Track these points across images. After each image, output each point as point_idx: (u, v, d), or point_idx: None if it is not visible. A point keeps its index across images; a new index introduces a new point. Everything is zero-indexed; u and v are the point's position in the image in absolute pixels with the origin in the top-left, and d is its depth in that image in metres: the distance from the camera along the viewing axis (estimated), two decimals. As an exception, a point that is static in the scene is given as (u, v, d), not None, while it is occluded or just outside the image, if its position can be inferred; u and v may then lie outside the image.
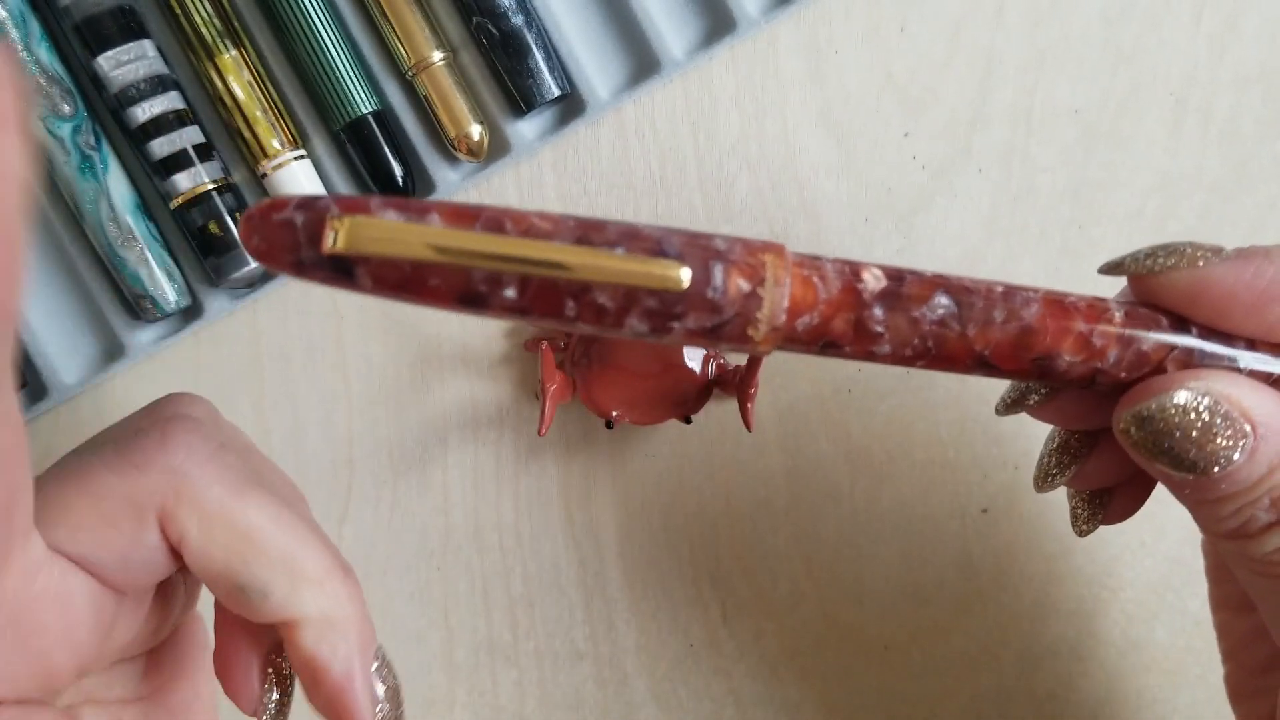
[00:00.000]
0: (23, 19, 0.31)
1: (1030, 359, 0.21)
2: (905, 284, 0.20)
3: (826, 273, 0.20)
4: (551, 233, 0.19)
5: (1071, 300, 0.21)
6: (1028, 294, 0.21)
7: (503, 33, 0.32)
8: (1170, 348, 0.21)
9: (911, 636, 0.35)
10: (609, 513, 0.34)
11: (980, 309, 0.21)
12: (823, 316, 0.20)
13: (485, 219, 0.19)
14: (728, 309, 0.19)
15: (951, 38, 0.34)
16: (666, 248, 0.19)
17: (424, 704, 0.34)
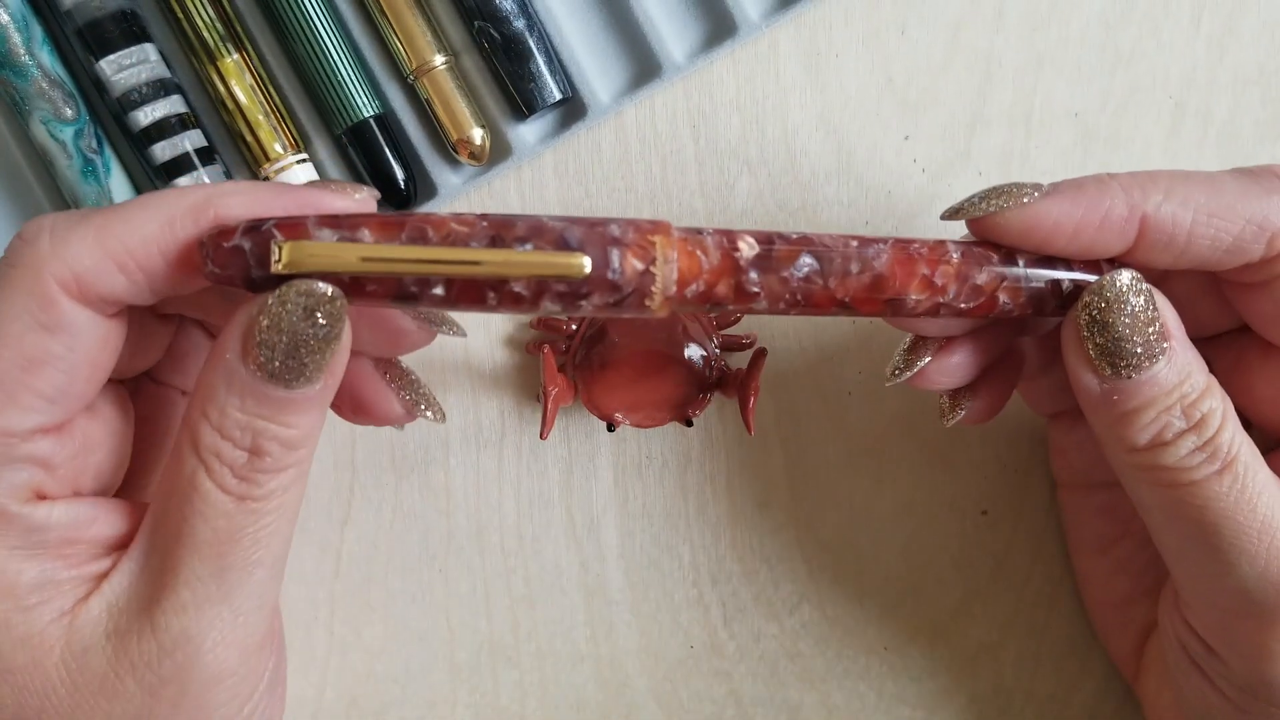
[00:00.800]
0: (25, 22, 0.31)
1: (883, 300, 0.25)
2: (775, 248, 0.24)
3: (708, 246, 0.24)
4: (468, 235, 0.22)
5: (915, 247, 0.25)
6: (879, 245, 0.25)
7: (504, 37, 0.32)
8: (1001, 278, 0.25)
9: (911, 637, 0.35)
10: (610, 514, 0.35)
11: (839, 264, 0.24)
12: (707, 284, 0.24)
13: (409, 229, 0.22)
14: (626, 286, 0.23)
15: (951, 41, 0.34)
16: (569, 239, 0.22)
17: (426, 704, 0.34)
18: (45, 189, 0.33)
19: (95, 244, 0.22)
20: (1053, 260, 0.25)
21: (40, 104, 0.31)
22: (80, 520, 0.23)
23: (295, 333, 0.22)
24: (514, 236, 0.22)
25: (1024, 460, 0.35)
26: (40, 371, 0.22)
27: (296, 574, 0.34)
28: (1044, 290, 0.25)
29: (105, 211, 0.23)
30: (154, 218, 0.22)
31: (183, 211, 0.22)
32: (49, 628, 0.23)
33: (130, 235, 0.22)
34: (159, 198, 0.23)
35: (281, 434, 0.23)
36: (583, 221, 0.23)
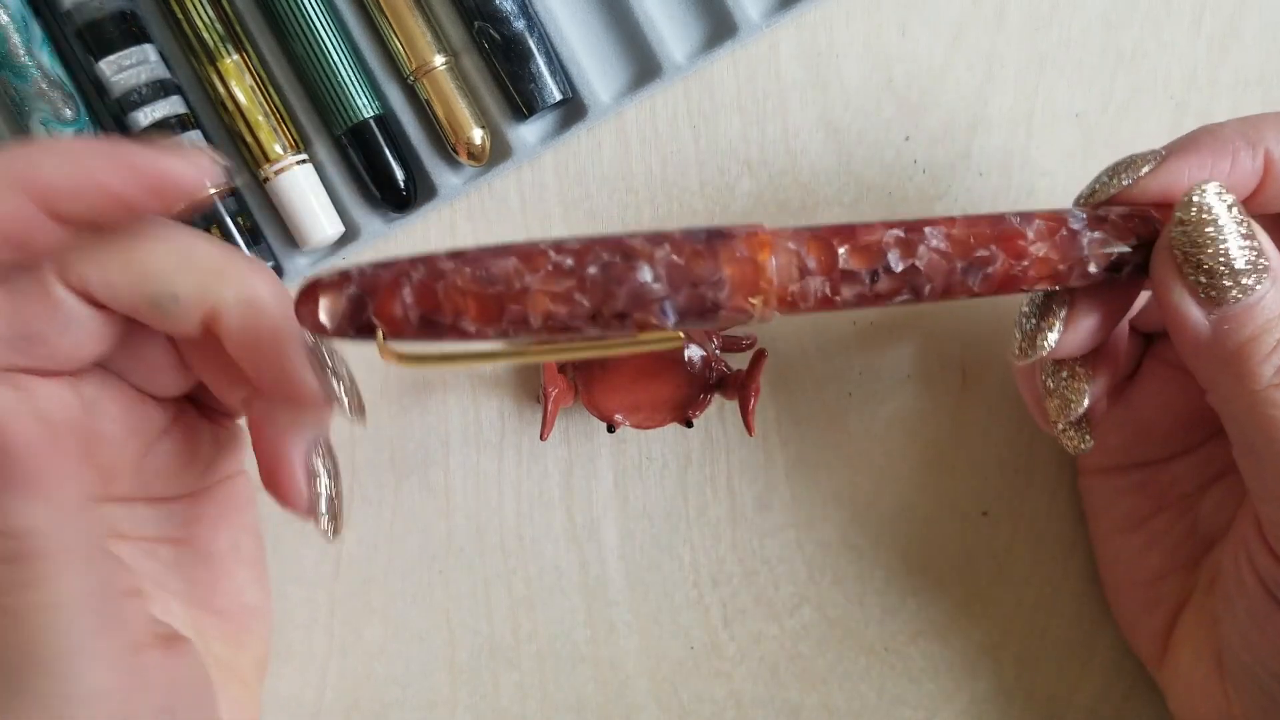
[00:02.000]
0: (25, 23, 0.31)
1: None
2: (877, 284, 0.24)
3: (807, 293, 0.24)
4: (568, 318, 0.22)
5: (1023, 267, 0.25)
6: (987, 270, 0.24)
7: (504, 37, 0.32)
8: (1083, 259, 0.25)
9: (912, 639, 0.35)
10: (610, 515, 0.35)
11: (937, 290, 0.25)
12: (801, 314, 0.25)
13: (508, 317, 0.22)
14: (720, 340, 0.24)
15: (952, 41, 0.34)
16: (668, 312, 0.23)
17: (426, 706, 0.34)
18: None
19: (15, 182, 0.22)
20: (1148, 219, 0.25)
21: (40, 104, 0.31)
22: None
23: None
24: (613, 312, 0.22)
25: (1025, 461, 0.35)
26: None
27: (296, 575, 0.34)
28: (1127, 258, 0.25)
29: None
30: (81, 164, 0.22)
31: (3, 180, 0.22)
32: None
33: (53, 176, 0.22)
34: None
35: None
36: (682, 279, 0.23)
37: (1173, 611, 0.31)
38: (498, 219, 0.34)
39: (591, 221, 0.34)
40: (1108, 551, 0.33)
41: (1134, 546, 0.32)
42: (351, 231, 0.33)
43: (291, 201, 0.32)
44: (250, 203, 0.33)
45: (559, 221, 0.34)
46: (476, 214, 0.34)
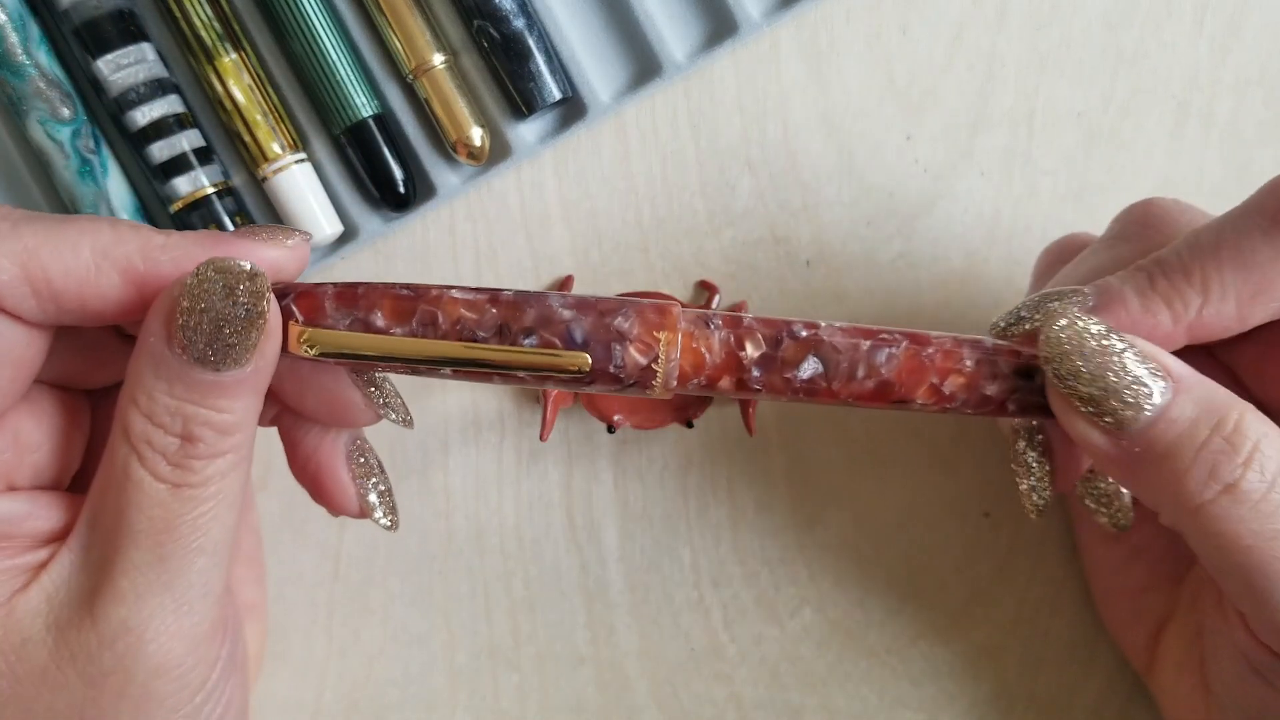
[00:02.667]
0: (22, 22, 0.31)
1: (888, 402, 0.25)
2: (781, 349, 0.24)
3: (713, 343, 0.24)
4: (476, 324, 0.23)
5: (929, 353, 0.25)
6: (891, 350, 0.24)
7: (504, 36, 0.32)
8: (1012, 389, 0.25)
9: (913, 640, 0.35)
10: (610, 517, 0.34)
11: (845, 369, 0.24)
12: (709, 379, 0.24)
13: (420, 316, 0.23)
14: (629, 379, 0.24)
15: (953, 41, 0.34)
16: (574, 334, 0.23)
17: (425, 707, 0.34)
18: (42, 189, 0.32)
19: (15, 262, 0.22)
20: None
21: (37, 104, 0.31)
22: (14, 515, 0.23)
23: (217, 313, 0.22)
24: (520, 327, 0.23)
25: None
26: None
27: (295, 576, 0.34)
28: None
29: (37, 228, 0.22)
30: (82, 258, 0.22)
31: (114, 260, 0.22)
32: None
33: (53, 265, 0.22)
34: (94, 234, 0.23)
35: (214, 419, 0.23)
36: (591, 308, 0.23)
37: (1157, 624, 0.31)
38: (497, 218, 0.34)
39: (592, 221, 0.34)
40: (1092, 560, 0.33)
41: (1117, 557, 0.32)
42: (350, 231, 0.33)
43: (290, 201, 0.32)
44: (248, 202, 0.33)
45: (559, 221, 0.34)
46: (476, 213, 0.34)
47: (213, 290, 0.22)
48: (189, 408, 0.22)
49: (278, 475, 0.34)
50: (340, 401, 0.26)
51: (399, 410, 0.27)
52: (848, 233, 0.34)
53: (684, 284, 0.34)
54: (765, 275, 0.34)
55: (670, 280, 0.34)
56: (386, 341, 0.23)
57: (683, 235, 0.34)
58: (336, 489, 0.27)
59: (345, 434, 0.27)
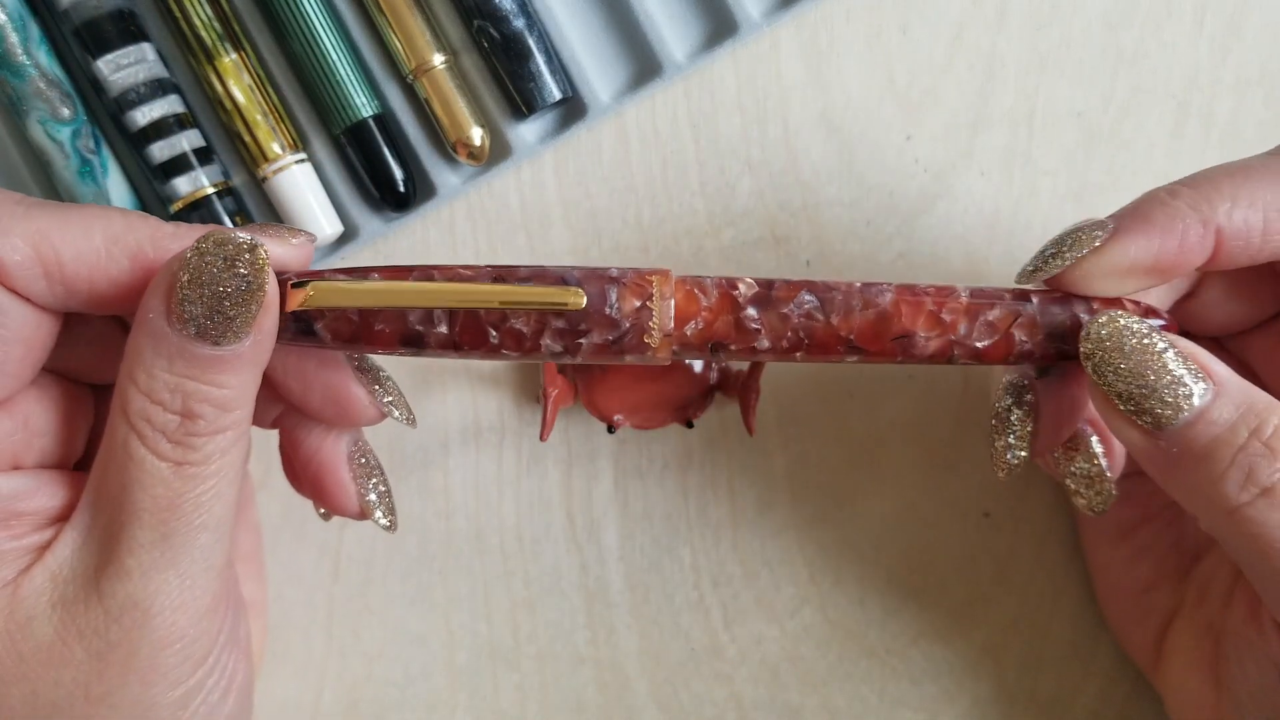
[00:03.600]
0: (22, 22, 0.31)
1: (891, 339, 0.24)
2: (775, 288, 0.25)
3: (706, 286, 0.24)
4: (473, 277, 0.24)
5: (922, 288, 0.25)
6: (883, 286, 0.25)
7: (504, 36, 0.32)
8: (1015, 314, 0.25)
9: (913, 640, 0.35)
10: (610, 517, 0.34)
11: (840, 301, 0.24)
12: (706, 321, 0.24)
13: (418, 272, 0.24)
14: (624, 322, 0.24)
15: (953, 41, 0.34)
16: (568, 278, 0.24)
17: (425, 708, 0.34)
18: (43, 189, 0.32)
19: (28, 243, 0.22)
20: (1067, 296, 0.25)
21: (37, 104, 0.31)
22: (19, 491, 0.23)
23: (217, 286, 0.22)
24: (516, 277, 0.24)
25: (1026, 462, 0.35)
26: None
27: (295, 577, 0.34)
28: (1065, 325, 0.25)
29: (51, 212, 0.23)
30: (94, 243, 0.23)
31: (125, 246, 0.23)
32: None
33: (65, 248, 0.22)
34: (106, 220, 0.23)
35: (213, 395, 0.23)
36: (584, 268, 0.24)
37: (1164, 621, 0.31)
38: (497, 218, 0.34)
39: (592, 221, 0.34)
40: (1097, 560, 0.33)
41: (1122, 557, 0.32)
42: (350, 231, 0.33)
43: (290, 201, 0.32)
44: (248, 202, 0.33)
45: (559, 221, 0.34)
46: (476, 213, 0.34)
47: (213, 263, 0.22)
48: (188, 384, 0.22)
49: (278, 475, 0.34)
50: (344, 398, 0.26)
51: (402, 408, 0.26)
52: (848, 232, 0.34)
53: (684, 284, 0.34)
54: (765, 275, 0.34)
55: (670, 280, 0.34)
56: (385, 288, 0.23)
57: (683, 235, 0.34)
58: (337, 489, 0.27)
59: (346, 435, 0.27)
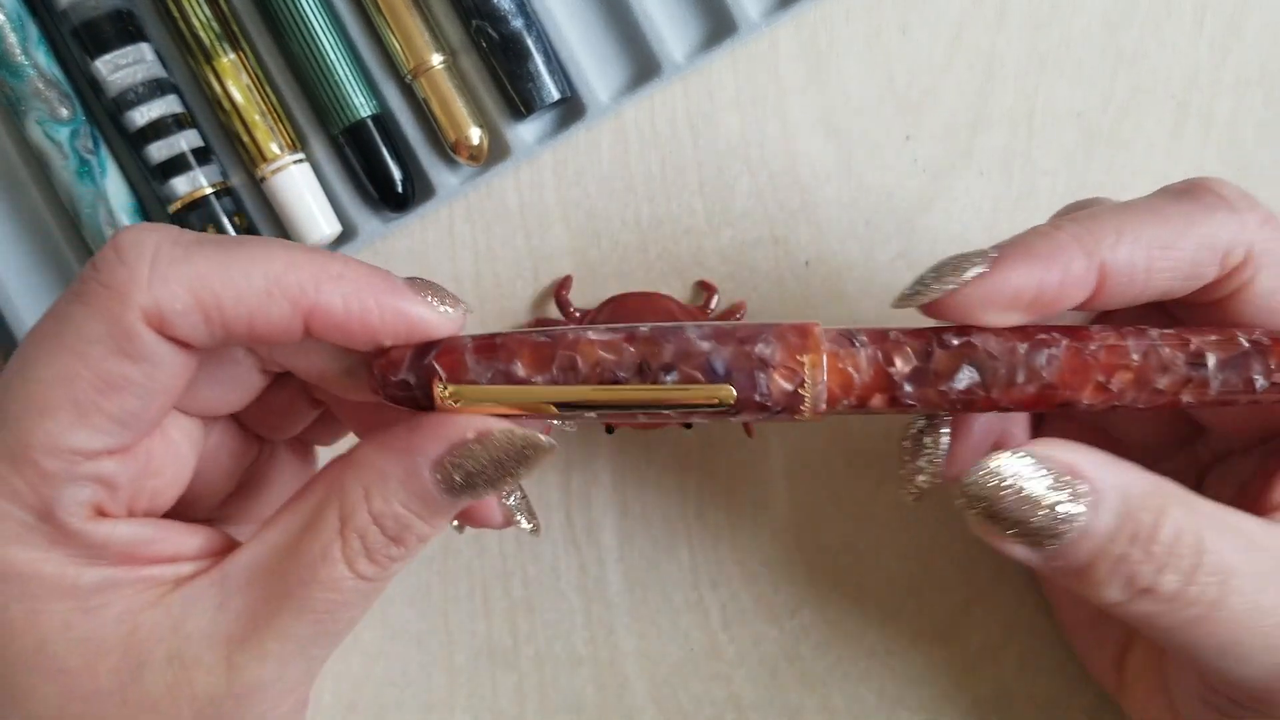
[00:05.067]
0: (21, 22, 0.31)
1: (1053, 405, 0.24)
2: (933, 360, 0.23)
3: (860, 361, 0.23)
4: (615, 365, 0.23)
5: (1092, 350, 0.23)
6: (1050, 351, 0.23)
7: (502, 36, 0.32)
8: (1186, 380, 0.24)
9: (912, 640, 0.35)
10: (609, 517, 0.34)
11: (1003, 374, 0.23)
12: (859, 398, 0.23)
13: (559, 361, 0.23)
14: (775, 406, 0.23)
15: (952, 41, 0.34)
16: (715, 365, 0.23)
17: (424, 707, 0.34)
18: (41, 189, 0.32)
19: (189, 290, 0.22)
20: (1245, 355, 0.24)
21: (36, 104, 0.31)
22: (140, 539, 0.23)
23: (497, 465, 0.22)
24: (660, 364, 0.23)
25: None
26: (116, 395, 0.22)
27: (293, 577, 0.34)
28: (1237, 391, 0.24)
29: (210, 253, 0.22)
30: (255, 285, 0.22)
31: (285, 289, 0.22)
32: (109, 632, 0.22)
33: (226, 292, 0.22)
34: (266, 262, 0.22)
35: (424, 531, 0.23)
36: (730, 337, 0.23)
37: (1120, 648, 0.31)
38: (496, 219, 0.34)
39: (590, 221, 0.34)
40: (1050, 588, 0.33)
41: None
42: (349, 231, 0.33)
43: (288, 201, 0.32)
44: (247, 202, 0.33)
45: (557, 221, 0.34)
46: (475, 214, 0.34)
47: (505, 449, 0.23)
48: (414, 520, 0.23)
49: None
50: (479, 511, 0.26)
51: (528, 516, 0.27)
52: (846, 232, 0.34)
53: (683, 284, 0.34)
54: (764, 275, 0.34)
55: (669, 280, 0.34)
56: (530, 391, 0.23)
57: (681, 235, 0.34)
58: (483, 504, 0.26)
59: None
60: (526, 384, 0.23)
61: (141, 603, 0.23)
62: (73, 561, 0.22)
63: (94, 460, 0.22)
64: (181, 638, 0.23)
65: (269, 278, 0.22)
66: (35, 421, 0.21)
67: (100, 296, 0.22)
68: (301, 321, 0.22)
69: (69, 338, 0.22)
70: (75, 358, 0.22)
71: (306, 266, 0.22)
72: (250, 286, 0.22)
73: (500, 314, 0.34)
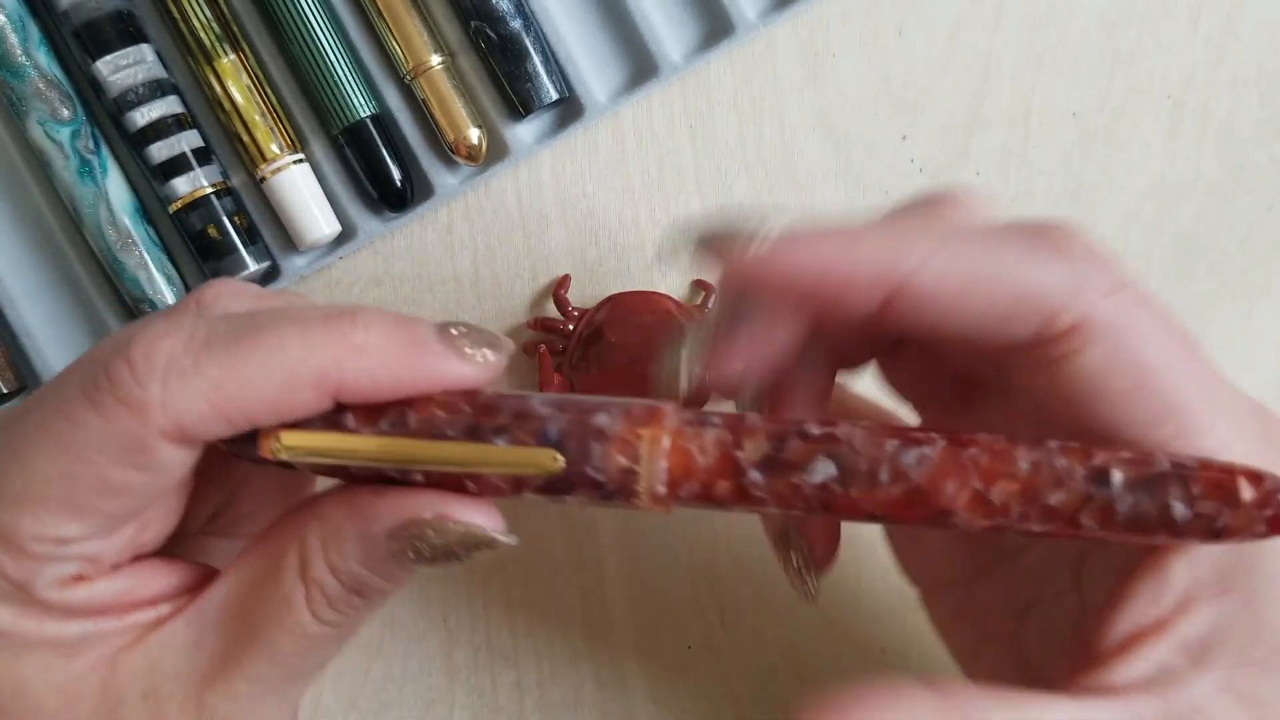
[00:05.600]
0: (22, 23, 0.31)
1: (925, 514, 0.21)
2: (787, 449, 0.21)
3: (706, 443, 0.21)
4: (446, 424, 0.21)
5: (972, 454, 0.21)
6: (924, 449, 0.21)
7: (501, 36, 0.32)
8: (1086, 498, 0.20)
9: (909, 639, 0.35)
10: (607, 515, 0.34)
11: (865, 472, 0.21)
12: (703, 485, 0.21)
13: (391, 414, 0.21)
14: (610, 483, 0.21)
15: (949, 41, 0.34)
16: (549, 432, 0.21)
17: (423, 705, 0.34)
18: (42, 190, 0.33)
19: (207, 401, 0.21)
20: (1163, 477, 0.20)
21: (37, 104, 0.31)
22: (120, 591, 0.23)
23: (452, 552, 0.22)
24: (493, 425, 0.21)
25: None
26: (115, 499, 0.22)
27: (293, 574, 0.34)
28: (1151, 519, 0.20)
29: (222, 355, 0.21)
30: (274, 378, 0.21)
31: (305, 378, 0.21)
32: (88, 674, 0.22)
33: (244, 395, 0.21)
34: (282, 352, 0.21)
35: (386, 587, 0.23)
36: (573, 408, 0.21)
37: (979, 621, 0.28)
38: (495, 218, 0.34)
39: (589, 220, 0.34)
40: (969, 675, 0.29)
41: (983, 679, 0.27)
42: (348, 231, 0.33)
43: (288, 201, 0.32)
44: (247, 202, 0.33)
45: (556, 220, 0.34)
46: (473, 213, 0.34)
47: (462, 540, 0.22)
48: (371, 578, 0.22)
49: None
50: None
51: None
52: (844, 232, 0.34)
53: (681, 284, 0.34)
54: (762, 275, 0.34)
55: (668, 280, 0.34)
56: (354, 440, 0.21)
57: (679, 235, 0.34)
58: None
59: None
60: (353, 433, 0.21)
61: (121, 644, 0.23)
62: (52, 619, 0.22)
63: (80, 543, 0.22)
64: (157, 676, 0.23)
65: (286, 369, 0.21)
66: (26, 508, 0.21)
67: (117, 412, 0.21)
68: (330, 400, 0.22)
69: (78, 443, 0.21)
70: (81, 463, 0.21)
71: (324, 346, 0.21)
72: (270, 381, 0.21)
73: (499, 314, 0.34)
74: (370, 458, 0.21)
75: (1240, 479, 0.20)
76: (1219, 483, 0.20)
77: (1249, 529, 0.20)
